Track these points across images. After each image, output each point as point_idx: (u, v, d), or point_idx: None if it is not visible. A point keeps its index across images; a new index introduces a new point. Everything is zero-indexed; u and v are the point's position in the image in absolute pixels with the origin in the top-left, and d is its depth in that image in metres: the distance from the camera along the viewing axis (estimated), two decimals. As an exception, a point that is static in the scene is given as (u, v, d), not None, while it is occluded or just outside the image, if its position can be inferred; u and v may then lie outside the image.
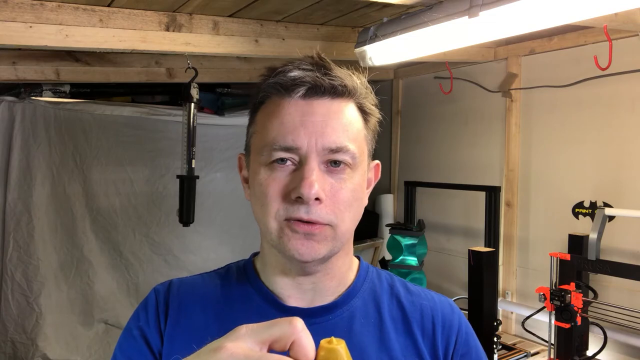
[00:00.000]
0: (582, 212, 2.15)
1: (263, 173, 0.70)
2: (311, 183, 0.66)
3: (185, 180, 2.34)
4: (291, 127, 0.69)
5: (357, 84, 0.73)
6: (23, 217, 2.82)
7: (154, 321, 0.77)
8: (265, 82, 0.73)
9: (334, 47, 2.24)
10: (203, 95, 2.57)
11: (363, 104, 0.75)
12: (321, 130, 0.68)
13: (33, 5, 1.69)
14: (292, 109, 0.70)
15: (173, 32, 1.91)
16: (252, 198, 0.75)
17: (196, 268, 3.21)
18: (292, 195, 0.68)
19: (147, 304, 0.79)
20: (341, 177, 0.70)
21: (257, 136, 0.74)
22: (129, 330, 0.77)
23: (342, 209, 0.70)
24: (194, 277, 0.83)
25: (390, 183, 3.34)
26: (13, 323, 2.79)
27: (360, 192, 0.73)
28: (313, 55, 0.73)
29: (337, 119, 0.70)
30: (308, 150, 0.68)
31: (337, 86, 0.70)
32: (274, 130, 0.70)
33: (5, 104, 2.77)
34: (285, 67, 0.71)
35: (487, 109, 2.70)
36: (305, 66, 0.71)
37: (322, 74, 0.70)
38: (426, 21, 1.59)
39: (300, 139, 0.68)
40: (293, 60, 0.72)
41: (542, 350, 2.26)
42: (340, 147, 0.69)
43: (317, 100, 0.70)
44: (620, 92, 2.11)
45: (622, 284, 2.04)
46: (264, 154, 0.70)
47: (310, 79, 0.69)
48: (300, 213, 0.67)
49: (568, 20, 1.44)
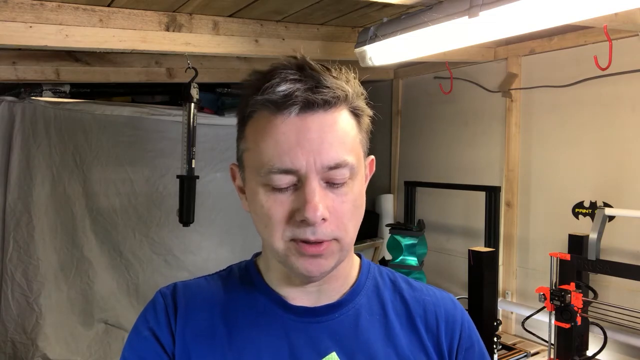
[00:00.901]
0: (582, 212, 2.15)
1: (262, 194, 0.69)
2: (315, 206, 0.65)
3: (185, 180, 2.34)
4: (287, 147, 0.66)
5: (347, 89, 0.70)
6: (23, 217, 2.82)
7: (164, 322, 0.76)
8: (253, 97, 0.69)
9: (334, 47, 2.24)
10: (203, 95, 2.57)
11: (355, 106, 0.72)
12: (318, 149, 0.66)
13: (33, 5, 1.69)
14: (286, 127, 0.67)
15: (173, 32, 1.91)
16: (253, 214, 0.74)
17: (196, 268, 3.21)
18: (296, 218, 0.67)
19: (155, 305, 0.78)
20: (342, 192, 0.69)
21: (250, 154, 0.71)
22: (139, 332, 0.77)
23: (346, 221, 0.70)
24: (197, 280, 0.83)
25: (390, 183, 3.34)
26: (13, 323, 2.79)
27: (361, 199, 0.73)
28: (296, 56, 0.70)
29: (332, 132, 0.68)
30: (307, 170, 0.66)
31: (329, 100, 0.68)
32: (269, 150, 0.67)
33: (5, 104, 2.77)
34: (272, 81, 0.67)
35: (487, 109, 2.70)
36: (293, 76, 0.67)
37: (312, 86, 0.67)
38: (426, 21, 1.59)
39: (298, 160, 0.66)
40: (277, 67, 0.68)
41: (542, 350, 2.26)
42: (339, 163, 0.68)
43: (311, 116, 0.67)
44: (620, 92, 2.11)
45: (622, 284, 2.04)
46: (261, 175, 0.68)
47: (302, 96, 0.66)
48: (307, 235, 0.67)
49: (568, 20, 1.44)
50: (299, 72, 0.68)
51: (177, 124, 2.66)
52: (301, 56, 0.70)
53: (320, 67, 0.70)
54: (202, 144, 2.76)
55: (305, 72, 0.68)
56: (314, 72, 0.68)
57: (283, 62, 0.69)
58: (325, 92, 0.67)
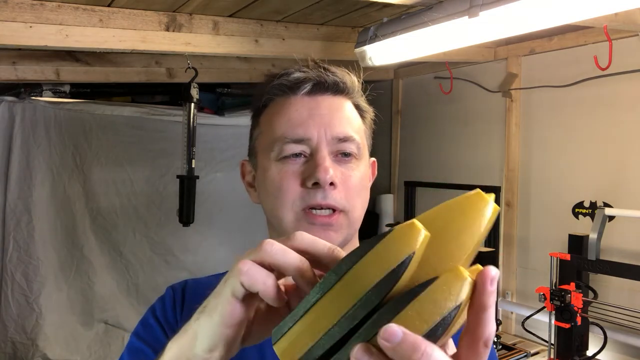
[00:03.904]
0: (582, 212, 2.14)
1: (274, 168, 0.72)
2: (326, 168, 0.69)
3: (185, 180, 2.34)
4: (300, 120, 0.72)
5: (354, 82, 0.77)
6: (23, 217, 2.82)
7: (171, 314, 0.77)
8: (269, 85, 0.75)
9: (334, 47, 2.24)
10: (203, 95, 2.57)
11: (359, 103, 0.78)
12: (329, 122, 0.72)
13: (33, 5, 1.69)
14: (298, 105, 0.73)
15: (173, 32, 1.91)
16: (263, 197, 0.76)
17: (196, 268, 3.21)
18: (307, 183, 0.70)
19: (164, 299, 0.80)
20: (349, 166, 0.73)
21: (263, 136, 0.76)
22: (145, 321, 0.78)
23: (354, 195, 0.72)
24: (209, 278, 0.83)
25: (390, 183, 3.34)
26: (13, 323, 2.79)
27: (366, 181, 0.77)
28: (308, 60, 0.77)
29: (341, 112, 0.74)
30: (318, 140, 0.71)
31: (339, 82, 0.74)
32: (282, 126, 0.72)
33: (5, 104, 2.77)
34: (287, 70, 0.74)
35: (487, 109, 2.70)
36: (304, 69, 0.74)
37: (322, 72, 0.74)
38: (426, 21, 1.59)
39: (310, 130, 0.71)
40: (292, 66, 0.76)
41: (542, 350, 2.26)
42: (347, 137, 0.72)
43: (322, 96, 0.74)
44: (620, 92, 2.11)
45: (622, 284, 2.04)
46: (275, 150, 0.72)
47: (314, 76, 0.73)
48: (318, 199, 0.69)
49: (568, 20, 1.45)
50: (310, 67, 0.75)
51: (177, 124, 2.66)
52: (311, 58, 0.77)
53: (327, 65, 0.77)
54: (202, 144, 2.75)
55: (316, 65, 0.76)
56: (323, 65, 0.76)
57: (297, 62, 0.77)
58: (335, 74, 0.74)
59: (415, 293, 0.36)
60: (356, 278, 0.38)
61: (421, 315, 0.35)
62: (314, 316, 0.39)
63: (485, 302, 0.37)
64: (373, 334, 0.36)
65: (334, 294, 0.38)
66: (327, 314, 0.38)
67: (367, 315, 0.37)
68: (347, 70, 0.78)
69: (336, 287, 0.38)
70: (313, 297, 0.39)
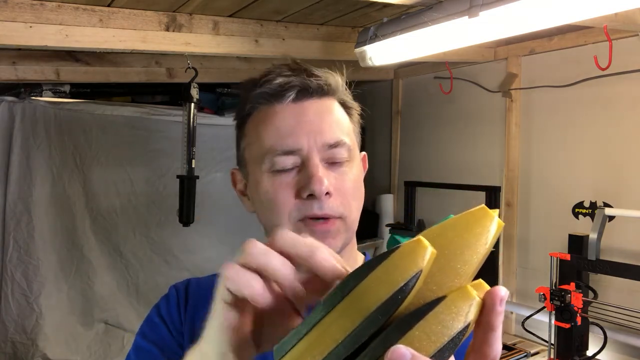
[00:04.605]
0: (582, 212, 2.14)
1: (267, 181, 0.71)
2: (320, 179, 0.67)
3: (185, 180, 2.34)
4: (288, 130, 0.70)
5: (338, 81, 0.75)
6: (23, 217, 2.82)
7: (175, 313, 0.78)
8: (251, 93, 0.73)
9: (334, 47, 2.23)
10: (203, 95, 2.57)
11: (345, 101, 0.77)
12: (317, 129, 0.70)
13: (33, 5, 1.69)
14: (285, 113, 0.71)
15: (173, 32, 1.91)
16: (257, 208, 0.75)
17: (196, 268, 3.21)
18: (302, 194, 0.69)
19: (168, 298, 0.80)
20: (342, 171, 0.72)
21: (252, 147, 0.74)
22: (150, 320, 0.78)
23: (350, 199, 0.72)
24: (210, 278, 0.83)
25: (390, 183, 3.34)
26: (13, 323, 2.79)
27: (360, 182, 0.76)
28: (288, 62, 0.75)
29: (329, 115, 0.72)
30: (309, 149, 0.69)
31: (323, 85, 0.72)
32: (270, 137, 0.70)
33: (5, 104, 2.77)
34: (268, 76, 0.72)
35: (487, 109, 2.70)
36: (286, 72, 0.72)
37: (305, 76, 0.72)
38: (426, 21, 1.59)
39: (300, 140, 0.69)
40: (270, 69, 0.73)
41: (542, 350, 2.26)
42: (337, 142, 0.71)
43: (308, 101, 0.72)
44: (620, 92, 2.11)
45: (622, 284, 2.04)
46: (266, 163, 0.70)
47: (298, 82, 0.71)
48: (314, 209, 0.69)
49: (568, 20, 1.45)
50: (290, 69, 0.73)
51: (177, 124, 2.66)
52: (291, 58, 0.74)
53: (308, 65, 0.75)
54: (202, 144, 2.75)
55: (297, 67, 0.73)
56: (304, 66, 0.74)
57: (275, 65, 0.75)
58: (318, 77, 0.72)
59: (422, 312, 0.36)
60: (362, 296, 0.37)
61: (429, 336, 0.35)
62: (319, 334, 0.38)
63: (493, 323, 0.37)
64: (380, 354, 0.35)
65: (340, 311, 0.37)
66: (332, 332, 0.37)
67: (374, 334, 0.36)
68: (329, 70, 0.76)
69: (341, 304, 0.37)
70: (318, 315, 0.38)
